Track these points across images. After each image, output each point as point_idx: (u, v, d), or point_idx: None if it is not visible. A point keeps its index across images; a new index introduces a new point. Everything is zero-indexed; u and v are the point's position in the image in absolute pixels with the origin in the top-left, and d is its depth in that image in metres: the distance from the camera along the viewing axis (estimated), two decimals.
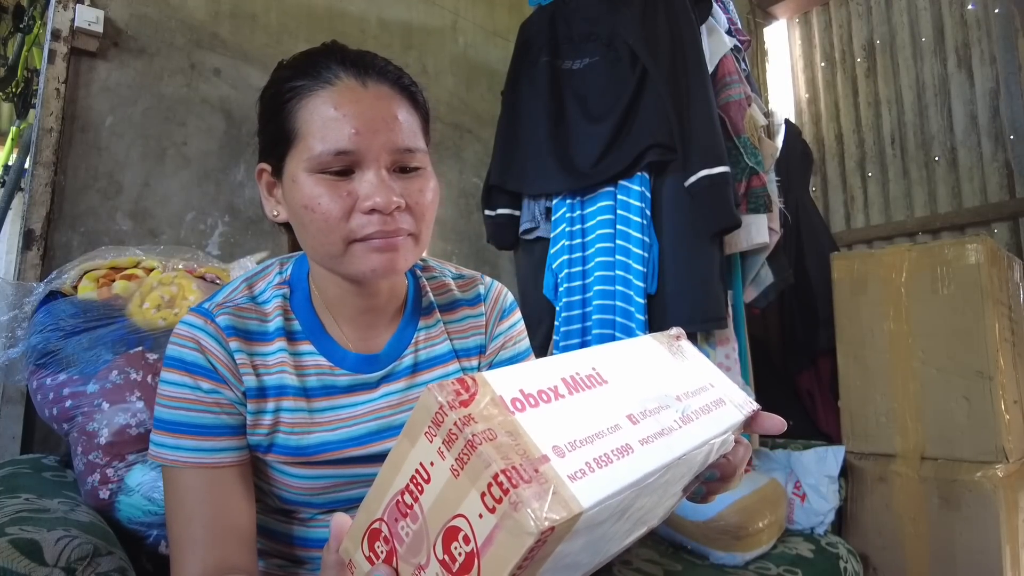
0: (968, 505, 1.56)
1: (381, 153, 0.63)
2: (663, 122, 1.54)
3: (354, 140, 0.62)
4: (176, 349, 0.67)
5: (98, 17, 1.39)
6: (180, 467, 0.65)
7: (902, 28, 2.87)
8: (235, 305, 0.70)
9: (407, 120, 0.66)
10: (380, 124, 0.63)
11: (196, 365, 0.66)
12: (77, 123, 1.40)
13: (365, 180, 0.63)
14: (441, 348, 0.78)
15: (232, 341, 0.67)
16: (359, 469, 0.71)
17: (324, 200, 0.63)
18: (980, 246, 1.65)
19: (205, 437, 0.65)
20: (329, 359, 0.72)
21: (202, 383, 0.66)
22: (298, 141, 0.65)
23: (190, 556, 0.63)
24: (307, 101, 0.65)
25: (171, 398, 0.66)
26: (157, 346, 1.09)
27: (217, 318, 0.68)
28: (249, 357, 0.68)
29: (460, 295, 0.82)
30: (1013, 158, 2.52)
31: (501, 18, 2.23)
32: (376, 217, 0.63)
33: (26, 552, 0.69)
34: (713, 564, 1.44)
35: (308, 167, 0.64)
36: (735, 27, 1.81)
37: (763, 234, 1.62)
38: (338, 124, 0.63)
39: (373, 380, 0.73)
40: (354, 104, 0.63)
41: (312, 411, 0.70)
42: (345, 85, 0.64)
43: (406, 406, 0.74)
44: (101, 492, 0.97)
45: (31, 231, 1.32)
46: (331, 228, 0.63)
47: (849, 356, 1.84)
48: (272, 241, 1.65)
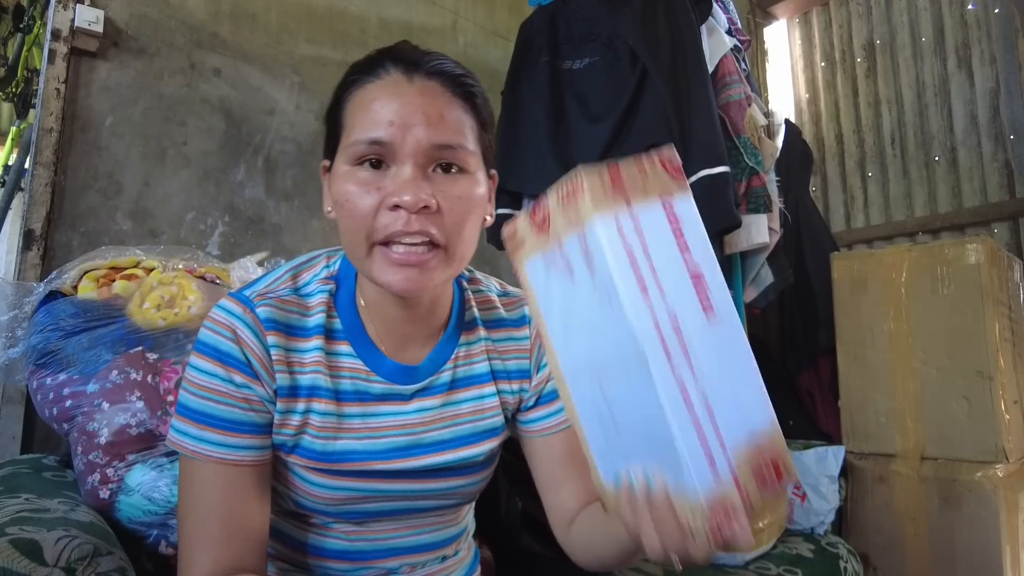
0: (968, 505, 1.56)
1: (417, 149, 0.60)
2: (663, 122, 1.53)
3: (388, 131, 0.60)
4: (211, 336, 0.64)
5: (98, 17, 1.40)
6: (201, 460, 0.62)
7: (902, 28, 2.87)
8: (277, 296, 0.66)
9: (454, 118, 0.63)
10: (419, 118, 0.61)
11: (231, 356, 0.63)
12: (77, 123, 1.40)
13: (397, 176, 0.60)
14: (480, 367, 0.75)
15: (270, 335, 0.64)
16: (380, 484, 0.68)
17: (354, 195, 0.61)
18: (980, 246, 1.65)
19: (231, 432, 0.63)
20: (366, 363, 0.69)
21: (235, 376, 0.63)
22: (344, 134, 0.64)
23: (202, 553, 0.61)
24: (354, 94, 0.64)
25: (200, 386, 0.63)
26: (157, 346, 1.09)
27: (257, 308, 0.64)
28: (285, 353, 0.65)
29: (505, 314, 0.78)
30: (1013, 158, 2.52)
31: (501, 18, 2.23)
32: (401, 214, 0.59)
33: (26, 552, 0.69)
34: (713, 564, 1.44)
35: (346, 158, 0.63)
36: (735, 27, 1.81)
37: (763, 234, 1.62)
38: (375, 114, 0.61)
39: (407, 392, 0.70)
40: (395, 96, 0.61)
41: (341, 416, 0.67)
42: (391, 78, 0.63)
43: (438, 423, 0.71)
44: (101, 492, 0.97)
45: (31, 231, 1.32)
46: (358, 226, 0.61)
47: (849, 356, 1.84)
48: (272, 241, 1.65)
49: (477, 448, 0.73)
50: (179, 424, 0.64)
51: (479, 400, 0.74)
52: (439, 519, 0.75)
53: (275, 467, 0.68)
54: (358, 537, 0.71)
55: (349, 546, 0.71)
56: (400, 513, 0.72)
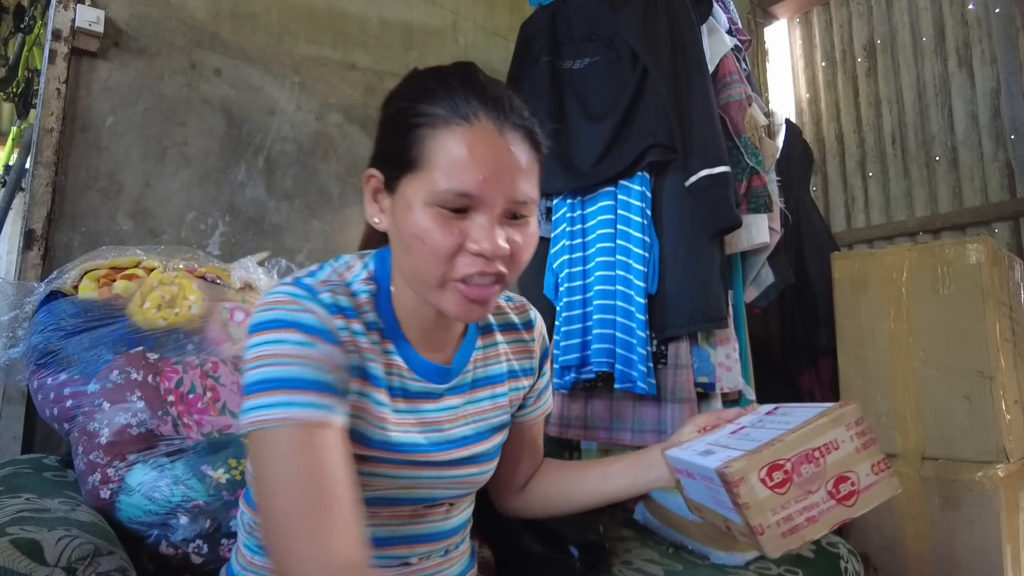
0: (969, 505, 1.56)
1: (498, 200, 0.64)
2: (663, 122, 1.53)
3: (480, 186, 0.62)
4: (287, 313, 0.62)
5: (99, 17, 1.40)
6: (314, 425, 0.58)
7: (903, 28, 2.87)
8: (336, 284, 0.69)
9: (530, 171, 0.67)
10: (507, 174, 0.64)
11: (313, 327, 0.62)
12: (78, 123, 1.40)
13: (477, 223, 0.64)
14: (496, 368, 0.82)
15: (336, 319, 0.66)
16: (410, 472, 0.72)
17: (436, 235, 0.63)
18: (981, 246, 1.65)
19: (336, 398, 0.61)
20: (407, 363, 0.73)
21: (319, 344, 0.62)
22: (422, 170, 0.64)
23: (341, 527, 0.56)
24: (440, 133, 0.64)
25: (281, 355, 0.60)
26: (158, 346, 1.09)
27: (320, 295, 0.66)
28: (351, 336, 0.67)
29: (515, 319, 0.86)
30: (1014, 158, 2.52)
31: (501, 18, 2.23)
32: (480, 260, 0.64)
33: (27, 552, 0.69)
34: (714, 564, 1.44)
35: (427, 199, 0.63)
36: (735, 27, 1.80)
37: (763, 234, 1.61)
38: (468, 167, 0.62)
39: (438, 391, 0.75)
40: (489, 150, 0.63)
41: (394, 410, 0.71)
42: (483, 128, 0.64)
43: (461, 420, 0.76)
44: (102, 492, 0.97)
45: (32, 231, 1.32)
46: (436, 262, 0.64)
47: (850, 356, 1.83)
48: (273, 241, 1.65)
49: (490, 443, 0.80)
50: (256, 401, 0.59)
51: (493, 399, 0.81)
52: (449, 508, 0.79)
53: None
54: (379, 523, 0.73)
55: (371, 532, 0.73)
56: (414, 502, 0.75)
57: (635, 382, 1.44)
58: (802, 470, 0.64)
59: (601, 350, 1.50)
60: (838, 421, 0.66)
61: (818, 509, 0.64)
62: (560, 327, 1.60)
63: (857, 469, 0.65)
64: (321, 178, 1.76)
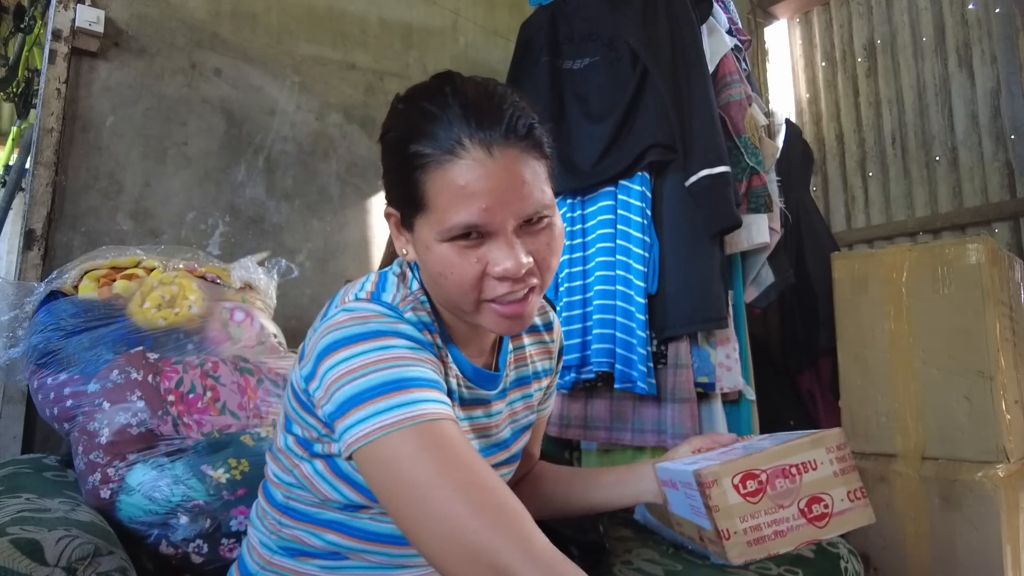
0: (969, 505, 1.56)
1: (507, 220, 0.63)
2: (664, 122, 1.53)
3: (483, 215, 0.62)
4: (385, 325, 0.63)
5: (99, 17, 1.40)
6: (435, 419, 0.56)
7: (903, 28, 2.87)
8: (411, 299, 0.70)
9: (534, 178, 0.64)
10: (509, 195, 0.62)
11: (420, 339, 0.65)
12: (78, 123, 1.40)
13: (495, 247, 0.64)
14: (525, 370, 0.83)
15: (424, 335, 0.67)
16: None
17: (456, 268, 0.64)
18: (981, 246, 1.64)
19: (435, 390, 0.60)
20: (460, 370, 0.73)
21: (420, 352, 0.63)
22: (428, 211, 0.64)
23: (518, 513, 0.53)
24: (434, 174, 0.63)
25: (399, 358, 0.60)
26: (158, 346, 1.09)
27: (404, 313, 0.67)
28: (437, 349, 0.70)
29: (538, 321, 0.87)
30: (1014, 158, 2.52)
31: (502, 18, 2.23)
32: (507, 281, 0.64)
33: (27, 552, 0.69)
34: (714, 564, 1.44)
35: (439, 237, 0.64)
36: (735, 27, 1.80)
37: (764, 234, 1.61)
38: (467, 200, 0.61)
39: (489, 396, 0.76)
40: (483, 179, 0.61)
41: (461, 419, 0.72)
42: (472, 158, 0.62)
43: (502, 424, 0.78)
44: (102, 492, 0.97)
45: (32, 231, 1.32)
46: (464, 292, 0.65)
47: (850, 356, 1.83)
48: (273, 241, 1.66)
49: (521, 443, 0.82)
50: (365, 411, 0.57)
51: (525, 399, 0.83)
52: None
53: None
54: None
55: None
56: None
57: (635, 382, 1.44)
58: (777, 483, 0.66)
59: (601, 350, 1.50)
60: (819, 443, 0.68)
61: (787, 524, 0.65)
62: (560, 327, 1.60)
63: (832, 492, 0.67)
64: (321, 178, 1.76)
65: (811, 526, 0.65)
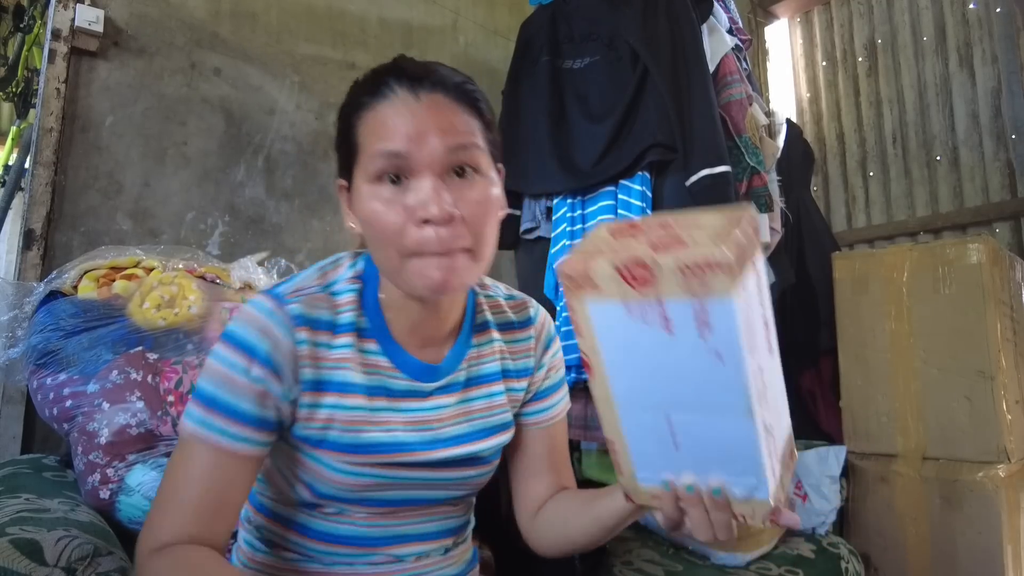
0: (970, 505, 1.56)
1: (433, 158, 0.64)
2: (664, 121, 1.53)
3: (404, 143, 0.64)
4: (239, 329, 0.66)
5: (98, 17, 1.40)
6: (198, 441, 0.64)
7: (903, 27, 2.86)
8: (308, 293, 0.70)
9: (462, 123, 0.67)
10: (432, 130, 0.65)
11: (254, 349, 0.65)
12: (77, 123, 1.40)
13: (420, 189, 0.64)
14: (491, 367, 0.80)
15: (299, 331, 0.67)
16: (402, 472, 0.72)
17: (380, 214, 0.65)
18: (982, 246, 1.64)
19: (234, 421, 0.65)
20: (391, 361, 0.73)
21: (254, 368, 0.65)
22: (360, 154, 0.67)
23: (169, 520, 0.63)
24: (366, 115, 0.67)
25: (216, 373, 0.65)
26: (157, 346, 1.09)
27: (289, 304, 0.68)
28: (313, 348, 0.68)
29: (514, 316, 0.84)
30: (1015, 157, 2.52)
31: (502, 17, 2.23)
32: (431, 230, 0.64)
33: (27, 552, 0.69)
34: (714, 564, 1.44)
35: (366, 176, 0.66)
36: (736, 26, 1.80)
37: (764, 234, 1.61)
38: (389, 131, 0.65)
39: (428, 389, 0.74)
40: (406, 114, 0.65)
41: (372, 410, 0.70)
42: (399, 98, 0.66)
43: (455, 419, 0.76)
44: (101, 492, 0.97)
45: (31, 231, 1.32)
46: (388, 241, 0.65)
47: (850, 356, 1.83)
48: (273, 240, 1.65)
49: (489, 442, 0.78)
50: (190, 408, 0.66)
51: (489, 398, 0.79)
52: (448, 508, 0.79)
53: (297, 457, 0.71)
54: (371, 523, 0.73)
55: (363, 531, 0.73)
56: (415, 502, 0.75)
57: None
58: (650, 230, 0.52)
59: None
60: (720, 213, 0.52)
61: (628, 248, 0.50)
62: (560, 327, 1.60)
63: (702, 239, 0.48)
64: (321, 178, 1.76)
65: (649, 250, 0.49)
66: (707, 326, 0.48)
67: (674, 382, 0.53)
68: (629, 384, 0.55)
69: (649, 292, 0.49)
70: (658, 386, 0.54)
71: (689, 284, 0.47)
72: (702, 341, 0.49)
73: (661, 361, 0.52)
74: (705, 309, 0.48)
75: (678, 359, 0.51)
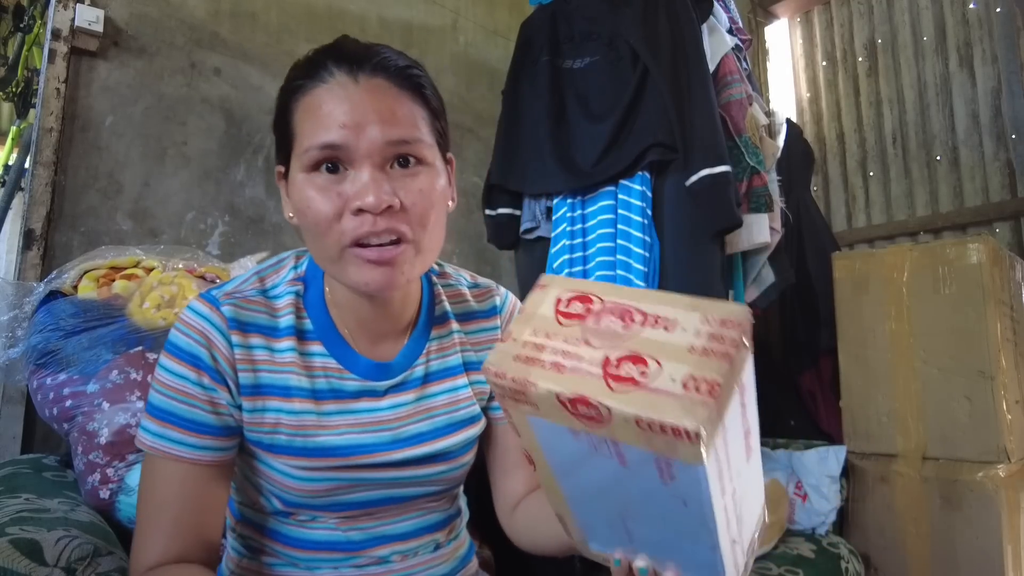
0: (970, 505, 1.56)
1: (372, 149, 0.61)
2: (664, 121, 1.53)
3: (340, 134, 0.60)
4: (182, 339, 0.65)
5: (98, 16, 1.39)
6: (160, 456, 0.63)
7: (903, 27, 2.86)
8: (243, 296, 0.67)
9: (405, 112, 0.63)
10: (371, 117, 0.60)
11: (199, 359, 0.64)
12: (77, 123, 1.40)
13: (357, 179, 0.61)
14: (452, 360, 0.76)
15: (234, 334, 0.65)
16: (363, 474, 0.69)
17: (315, 202, 0.61)
18: (982, 246, 1.64)
19: (192, 432, 0.64)
20: (340, 362, 0.69)
21: (204, 379, 0.64)
22: (295, 141, 0.64)
23: (151, 543, 0.63)
24: (302, 100, 0.63)
25: (167, 386, 0.64)
26: (157, 346, 1.09)
27: (223, 307, 0.66)
28: (248, 351, 0.66)
29: (476, 306, 0.79)
30: (1015, 157, 2.52)
31: (502, 17, 2.23)
32: (367, 218, 0.60)
33: (26, 552, 0.68)
34: None
35: (302, 166, 0.63)
36: (736, 26, 1.80)
37: (764, 234, 1.61)
38: (325, 119, 0.61)
39: (381, 388, 0.71)
40: (343, 99, 0.61)
41: (320, 414, 0.68)
42: (336, 81, 0.62)
43: (415, 417, 0.72)
44: (101, 492, 0.97)
45: (31, 231, 1.32)
46: (322, 232, 0.61)
47: (850, 356, 1.83)
48: (273, 240, 1.65)
49: (455, 438, 0.74)
50: (146, 422, 0.65)
51: (453, 392, 0.75)
52: (427, 504, 0.76)
53: (256, 466, 0.69)
54: (348, 527, 0.71)
55: (340, 536, 0.71)
56: (386, 502, 0.72)
57: None
58: (604, 320, 0.46)
59: None
60: (697, 307, 0.45)
61: (574, 364, 0.44)
62: None
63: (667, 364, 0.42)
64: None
65: (601, 383, 0.42)
66: (670, 476, 0.43)
67: (631, 503, 0.48)
68: (579, 486, 0.50)
69: (600, 430, 0.43)
70: (612, 500, 0.49)
71: (649, 439, 0.41)
72: (664, 485, 0.43)
73: (616, 484, 0.46)
74: (669, 463, 0.42)
75: (636, 489, 0.45)
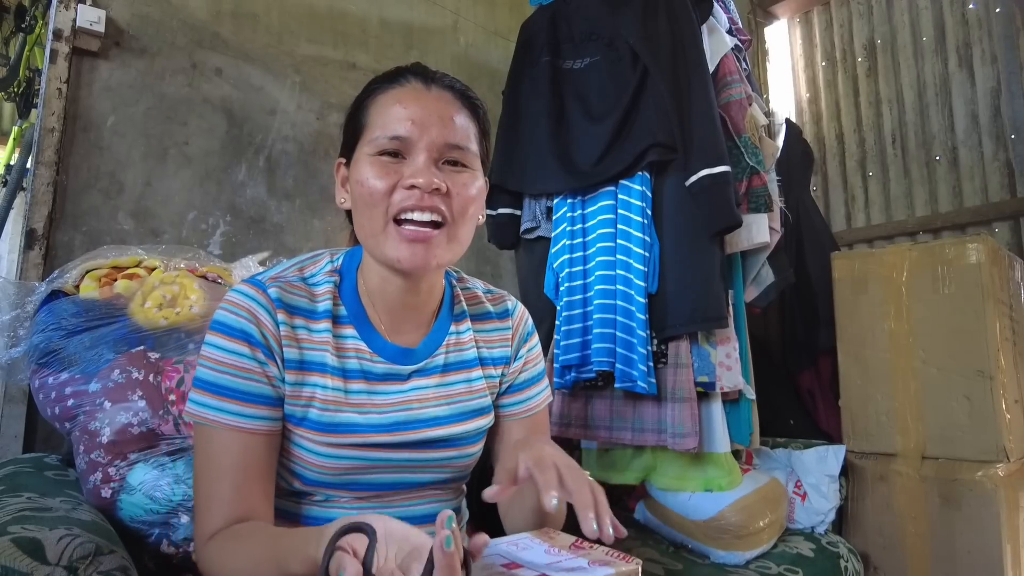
0: (969, 504, 1.56)
1: (431, 145, 0.72)
2: (664, 121, 1.53)
3: (409, 128, 0.72)
4: (230, 317, 0.72)
5: (100, 17, 1.40)
6: (219, 428, 0.69)
7: (903, 27, 2.87)
8: (287, 281, 0.76)
9: (463, 123, 0.75)
10: (436, 120, 0.73)
11: (251, 336, 0.71)
12: (79, 123, 1.41)
13: (413, 164, 0.71)
14: (469, 354, 0.85)
15: (279, 313, 0.73)
16: (380, 453, 0.75)
17: (372, 179, 0.72)
18: (981, 245, 1.65)
19: (248, 404, 0.70)
20: (369, 346, 0.77)
21: (258, 354, 0.71)
22: (366, 131, 0.75)
23: (216, 511, 0.68)
24: (378, 97, 0.76)
25: (220, 362, 0.70)
26: (159, 345, 1.10)
27: (268, 290, 0.73)
28: (293, 330, 0.73)
29: (491, 308, 0.89)
30: (1014, 157, 2.52)
31: (502, 18, 2.23)
32: (416, 193, 0.70)
33: (28, 551, 0.69)
34: (714, 563, 1.44)
35: (369, 151, 0.73)
36: (736, 26, 1.80)
37: (764, 233, 1.61)
38: (398, 113, 0.72)
39: (405, 372, 0.79)
40: (415, 101, 0.73)
41: (347, 392, 0.75)
42: (412, 86, 0.75)
43: (434, 401, 0.80)
44: (103, 491, 0.97)
45: (33, 230, 1.32)
46: (375, 202, 0.71)
47: (850, 355, 1.84)
48: (274, 241, 1.66)
49: (468, 425, 0.82)
50: (199, 397, 0.70)
51: (468, 383, 0.84)
52: (434, 492, 0.82)
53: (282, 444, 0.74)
54: (359, 507, 0.76)
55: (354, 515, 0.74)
56: (398, 486, 0.78)
57: (635, 381, 1.44)
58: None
59: (601, 349, 1.50)
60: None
61: None
62: (560, 326, 1.60)
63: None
64: (322, 178, 1.77)
65: None
66: None
67: None
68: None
69: None
70: None
71: None
72: None
73: None
74: None
75: None
